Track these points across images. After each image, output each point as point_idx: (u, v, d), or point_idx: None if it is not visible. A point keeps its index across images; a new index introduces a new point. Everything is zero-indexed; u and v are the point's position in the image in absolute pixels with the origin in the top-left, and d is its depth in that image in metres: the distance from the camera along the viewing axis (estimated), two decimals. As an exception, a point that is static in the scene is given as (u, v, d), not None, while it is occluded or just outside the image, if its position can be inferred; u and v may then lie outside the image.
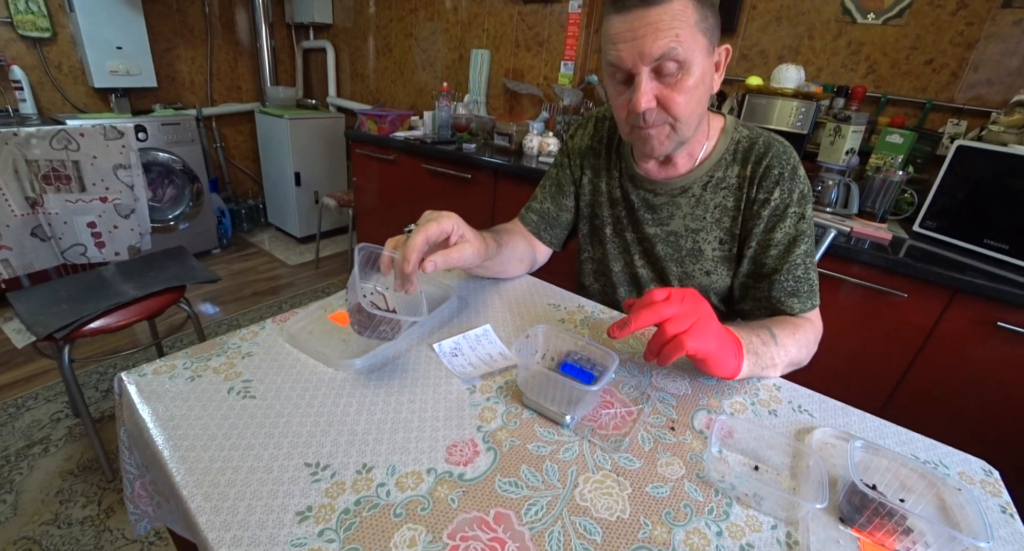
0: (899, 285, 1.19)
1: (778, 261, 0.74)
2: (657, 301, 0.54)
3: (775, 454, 0.53)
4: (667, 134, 0.68)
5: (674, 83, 0.63)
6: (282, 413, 0.53)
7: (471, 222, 0.69)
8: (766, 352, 0.64)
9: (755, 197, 0.74)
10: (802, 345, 0.70)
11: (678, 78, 0.63)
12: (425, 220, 0.63)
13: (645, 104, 0.63)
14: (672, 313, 0.53)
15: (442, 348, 0.66)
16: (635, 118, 0.66)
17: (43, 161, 1.41)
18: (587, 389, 0.50)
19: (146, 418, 0.52)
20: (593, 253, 0.93)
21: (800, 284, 0.74)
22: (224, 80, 3.14)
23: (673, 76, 0.63)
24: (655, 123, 0.66)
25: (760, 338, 0.64)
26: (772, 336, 0.66)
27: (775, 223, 0.74)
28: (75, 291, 1.44)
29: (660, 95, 0.64)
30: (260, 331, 0.68)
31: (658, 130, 0.68)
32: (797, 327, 0.71)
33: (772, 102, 1.47)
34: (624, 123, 0.70)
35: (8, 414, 1.67)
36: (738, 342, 0.60)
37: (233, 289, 2.61)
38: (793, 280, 0.74)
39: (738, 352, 0.60)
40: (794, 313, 0.74)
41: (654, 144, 0.69)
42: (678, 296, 0.54)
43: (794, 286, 0.74)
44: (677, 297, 0.54)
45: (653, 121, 0.66)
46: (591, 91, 2.15)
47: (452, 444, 0.51)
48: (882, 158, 1.42)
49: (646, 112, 0.65)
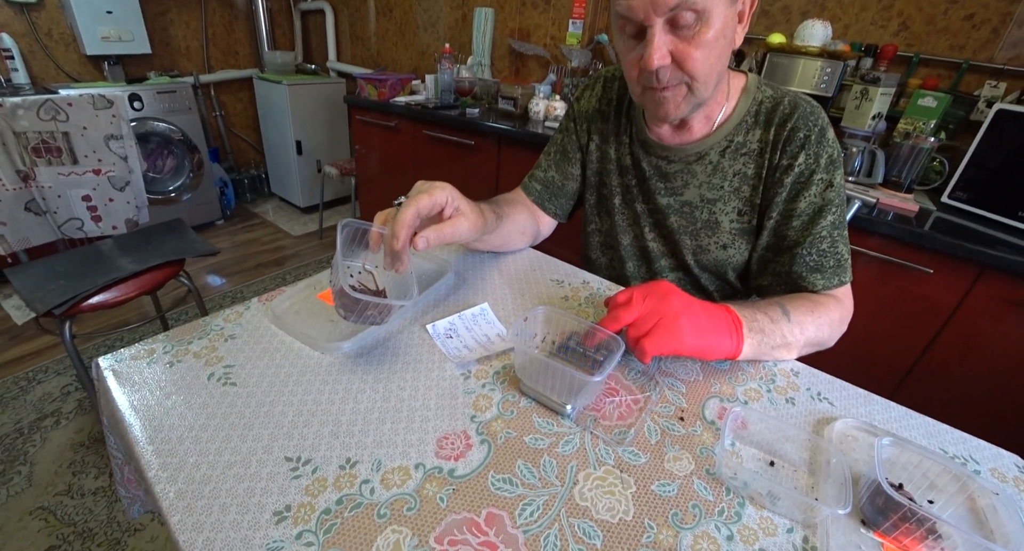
0: (924, 260, 1.13)
1: (800, 233, 0.67)
2: (618, 304, 0.53)
3: (792, 448, 0.49)
4: (683, 95, 0.61)
5: (691, 36, 0.56)
6: (263, 402, 0.50)
7: (475, 191, 0.64)
8: (775, 330, 0.59)
9: (778, 163, 0.67)
10: (823, 324, 0.63)
11: (696, 30, 0.56)
12: (416, 191, 0.58)
13: (658, 61, 0.56)
14: (631, 318, 0.52)
15: (436, 329, 0.62)
16: (647, 77, 0.60)
17: (32, 133, 1.37)
18: (589, 379, 0.46)
19: (122, 407, 0.49)
20: (600, 225, 0.87)
21: (824, 259, 0.67)
22: (220, 45, 3.03)
23: (690, 28, 0.55)
24: (670, 83, 0.59)
25: (768, 316, 0.59)
26: (784, 313, 0.61)
27: (799, 191, 0.67)
28: (73, 266, 1.42)
29: (675, 50, 0.57)
30: (245, 311, 0.64)
31: (673, 91, 0.61)
32: (816, 304, 0.65)
33: (795, 62, 1.37)
34: (635, 83, 0.63)
35: (20, 388, 1.69)
36: (736, 321, 0.56)
37: (237, 260, 2.59)
38: (817, 254, 0.67)
39: (735, 331, 0.55)
40: (816, 290, 0.68)
41: (668, 107, 0.63)
42: (639, 297, 0.53)
43: (817, 260, 0.67)
44: (638, 299, 0.53)
45: (667, 80, 0.59)
46: (601, 51, 2.04)
47: (443, 436, 0.47)
48: (912, 123, 1.32)
49: (659, 70, 0.58)
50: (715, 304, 0.57)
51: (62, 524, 1.26)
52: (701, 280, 0.80)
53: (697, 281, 0.81)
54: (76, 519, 1.28)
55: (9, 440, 1.49)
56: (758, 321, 0.58)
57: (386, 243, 0.55)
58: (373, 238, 0.58)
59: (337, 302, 0.54)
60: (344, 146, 3.21)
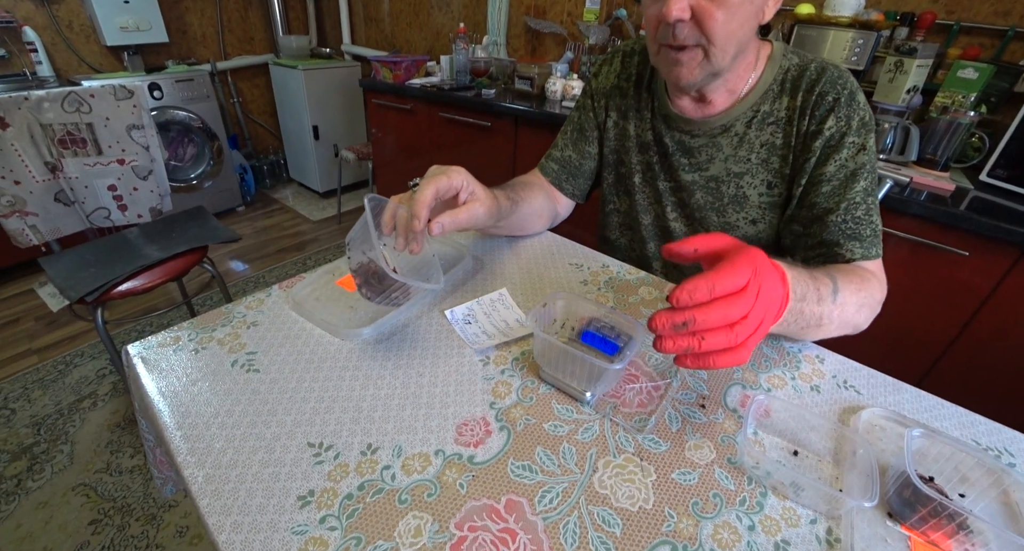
0: (959, 242, 1.08)
1: (832, 199, 0.63)
2: (720, 275, 0.37)
3: (817, 437, 0.48)
4: (698, 61, 0.59)
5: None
6: (285, 388, 0.51)
7: (492, 173, 0.63)
8: (816, 311, 0.49)
9: (807, 129, 0.64)
10: (864, 305, 0.57)
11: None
12: (432, 174, 0.57)
13: (677, 13, 0.53)
14: (739, 312, 0.37)
15: (454, 315, 0.63)
16: (664, 33, 0.57)
17: (57, 125, 1.39)
18: (608, 366, 0.46)
19: (151, 393, 0.51)
20: (619, 204, 0.85)
21: (861, 227, 0.62)
22: (236, 31, 3.03)
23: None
24: (686, 41, 0.57)
25: (819, 291, 0.49)
26: (833, 291, 0.51)
27: (829, 155, 0.63)
28: (102, 254, 1.46)
29: (697, 6, 0.54)
30: (266, 298, 0.65)
31: (689, 54, 0.59)
32: (864, 281, 0.58)
33: (824, 33, 1.31)
34: (652, 40, 0.61)
35: (58, 371, 1.76)
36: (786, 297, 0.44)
37: (258, 246, 2.64)
38: (853, 221, 0.62)
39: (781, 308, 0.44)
40: (853, 258, 0.62)
41: (681, 70, 0.60)
42: (754, 281, 0.38)
43: (854, 228, 0.62)
44: (754, 285, 0.38)
45: (684, 38, 0.57)
46: (620, 27, 1.98)
47: (462, 423, 0.48)
48: (950, 97, 1.25)
49: (676, 25, 0.55)
50: (777, 270, 0.43)
51: (102, 500, 1.33)
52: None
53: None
54: (115, 495, 1.34)
55: (51, 420, 1.56)
56: (806, 299, 0.48)
57: (401, 223, 0.54)
58: (386, 219, 0.57)
59: (360, 281, 0.53)
60: (360, 130, 3.21)
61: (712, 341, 0.37)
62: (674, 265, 0.82)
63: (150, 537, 1.24)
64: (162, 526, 1.27)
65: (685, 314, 0.36)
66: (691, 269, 0.81)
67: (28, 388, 1.68)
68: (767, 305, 0.39)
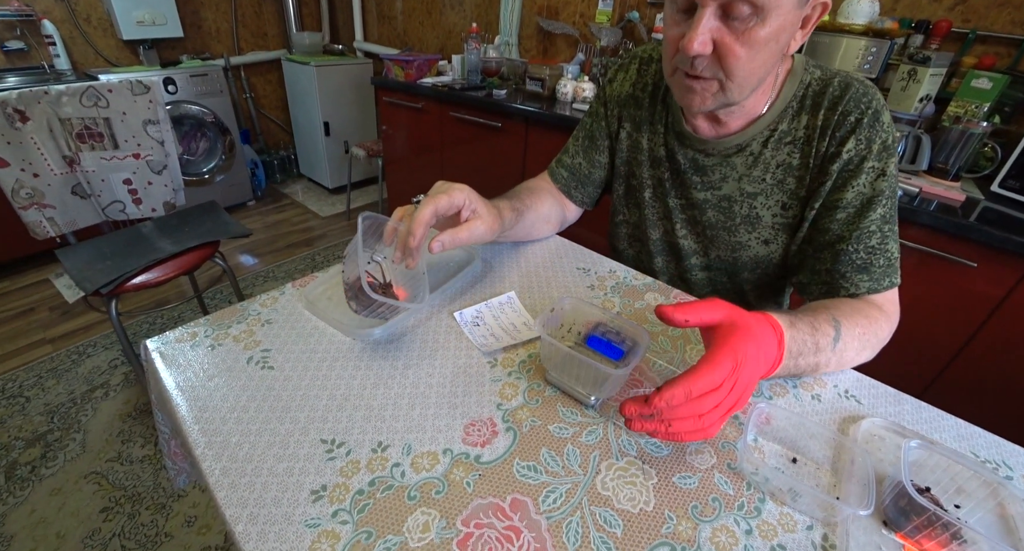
0: (967, 252, 1.08)
1: (845, 227, 0.61)
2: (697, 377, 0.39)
3: (816, 445, 0.49)
4: (712, 92, 0.57)
5: (742, 31, 0.51)
6: (299, 386, 0.53)
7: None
8: (809, 362, 0.52)
9: (826, 150, 0.62)
10: (865, 346, 0.57)
11: (749, 26, 0.51)
12: (435, 192, 0.59)
13: (698, 47, 0.51)
14: (710, 406, 0.40)
15: (463, 317, 0.64)
16: (682, 59, 0.56)
17: (75, 119, 1.42)
18: (613, 372, 0.47)
19: (169, 387, 0.52)
20: (628, 216, 0.85)
21: (873, 256, 0.61)
22: (250, 27, 3.06)
23: (743, 22, 0.51)
24: (702, 73, 0.56)
25: (817, 341, 0.51)
26: (835, 338, 0.53)
27: (846, 180, 0.61)
28: (117, 247, 1.49)
29: (720, 41, 0.52)
30: (280, 297, 0.67)
31: (703, 84, 0.57)
32: (871, 321, 0.58)
33: (836, 41, 1.31)
34: (669, 60, 0.59)
35: (72, 361, 1.80)
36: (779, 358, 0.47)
37: (268, 241, 2.67)
38: (864, 251, 0.61)
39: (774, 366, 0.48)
40: (859, 293, 0.61)
41: (693, 98, 0.59)
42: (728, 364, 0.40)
43: (865, 259, 0.61)
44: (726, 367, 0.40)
45: (701, 70, 0.55)
46: (632, 30, 1.98)
47: (470, 423, 0.49)
48: (963, 106, 1.25)
49: (696, 58, 0.54)
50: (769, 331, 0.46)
51: (114, 488, 1.36)
52: (738, 279, 0.77)
53: (733, 279, 0.78)
54: (126, 484, 1.37)
55: (64, 409, 1.60)
56: (802, 354, 0.51)
57: (400, 239, 0.56)
58: (387, 232, 0.59)
59: (349, 295, 0.56)
60: (371, 127, 3.23)
61: (679, 426, 0.41)
62: (682, 280, 0.83)
63: (159, 526, 1.27)
64: (171, 515, 1.30)
65: (653, 408, 0.40)
66: (702, 287, 0.82)
67: (43, 377, 1.72)
68: (743, 389, 0.42)
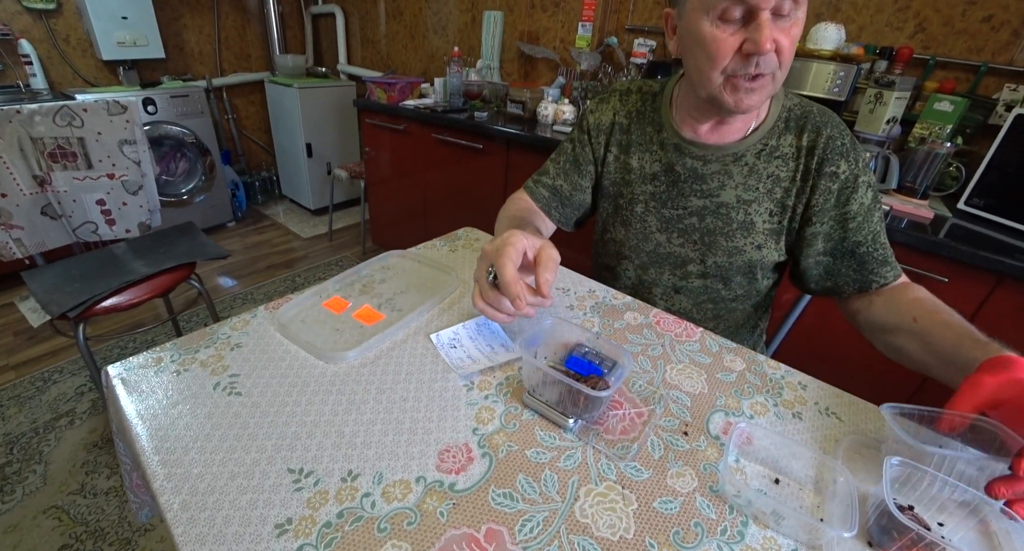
0: (938, 268, 1.10)
1: (860, 233, 0.70)
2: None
3: (798, 465, 0.48)
4: (767, 86, 0.62)
5: (786, 26, 0.58)
6: (267, 412, 0.51)
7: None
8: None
9: (815, 168, 0.69)
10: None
11: (791, 20, 0.58)
12: (498, 250, 0.56)
13: (769, 47, 0.57)
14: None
15: (440, 339, 0.63)
16: (743, 65, 0.60)
17: (48, 138, 1.39)
18: (595, 394, 0.46)
19: (130, 416, 0.50)
20: (615, 234, 0.87)
21: (886, 250, 0.71)
22: (233, 49, 3.07)
23: (787, 18, 0.58)
24: (765, 70, 0.60)
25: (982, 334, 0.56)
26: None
27: (848, 196, 0.69)
28: (87, 269, 1.44)
29: (775, 38, 0.58)
30: (251, 319, 0.65)
31: (763, 82, 0.62)
32: (933, 298, 0.65)
33: (807, 65, 1.35)
34: (717, 72, 0.62)
35: (36, 387, 1.72)
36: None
37: (247, 263, 2.62)
38: (880, 248, 0.70)
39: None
40: (888, 282, 0.70)
41: (752, 97, 0.63)
42: None
43: (883, 254, 0.70)
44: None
45: (764, 67, 0.60)
46: (610, 54, 2.03)
47: (444, 449, 0.47)
48: (927, 128, 1.30)
49: (763, 58, 0.59)
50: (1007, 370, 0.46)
51: (75, 523, 1.28)
52: (732, 283, 0.80)
53: (728, 284, 0.81)
54: (88, 518, 1.30)
55: (25, 439, 1.52)
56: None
57: (517, 307, 0.54)
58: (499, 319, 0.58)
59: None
60: (354, 149, 3.24)
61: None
62: (676, 290, 0.84)
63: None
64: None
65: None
66: (697, 295, 0.83)
67: (3, 405, 1.64)
68: None
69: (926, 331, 0.61)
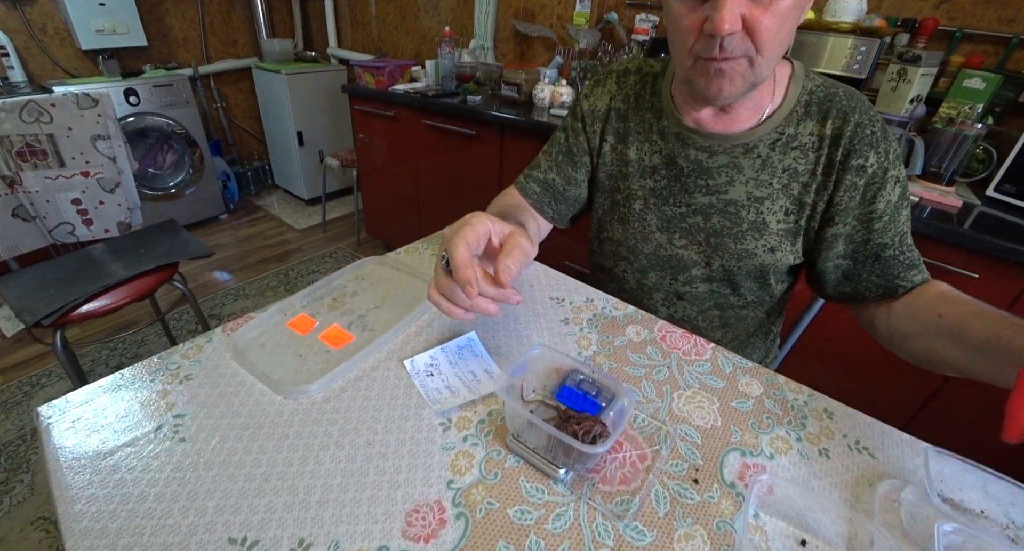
0: (967, 263, 1.02)
1: (886, 234, 0.62)
2: None
3: (828, 520, 0.41)
4: (742, 72, 0.54)
5: (767, 2, 0.49)
6: (212, 463, 0.44)
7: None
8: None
9: (838, 161, 0.60)
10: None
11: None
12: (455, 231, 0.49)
13: (730, 26, 0.48)
14: None
15: (415, 365, 0.55)
16: (706, 46, 0.52)
17: (15, 137, 1.32)
18: (589, 450, 0.39)
19: (52, 472, 0.43)
20: (612, 233, 0.78)
21: (912, 253, 0.63)
22: (219, 34, 2.95)
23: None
24: (733, 53, 0.52)
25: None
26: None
27: (875, 192, 0.60)
28: (64, 273, 1.38)
29: (747, 16, 0.49)
30: (206, 344, 0.58)
31: (732, 65, 0.53)
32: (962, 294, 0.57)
33: (823, 40, 1.24)
34: (686, 54, 0.55)
35: (23, 393, 1.68)
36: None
37: (239, 257, 2.56)
38: (908, 250, 0.62)
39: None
40: (915, 286, 0.62)
41: (723, 84, 0.55)
42: None
43: (910, 257, 0.62)
44: None
45: (731, 50, 0.51)
46: (610, 32, 1.91)
47: (413, 509, 0.41)
48: (956, 107, 1.19)
49: (726, 38, 0.50)
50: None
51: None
52: (741, 289, 0.72)
53: (736, 290, 0.73)
54: (76, 530, 1.26)
55: (13, 447, 1.48)
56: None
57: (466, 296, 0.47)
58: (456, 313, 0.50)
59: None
60: (346, 136, 3.14)
61: None
62: (678, 296, 0.76)
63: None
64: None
65: None
66: (702, 301, 0.75)
67: (-10, 412, 1.60)
68: None
69: (956, 326, 0.52)
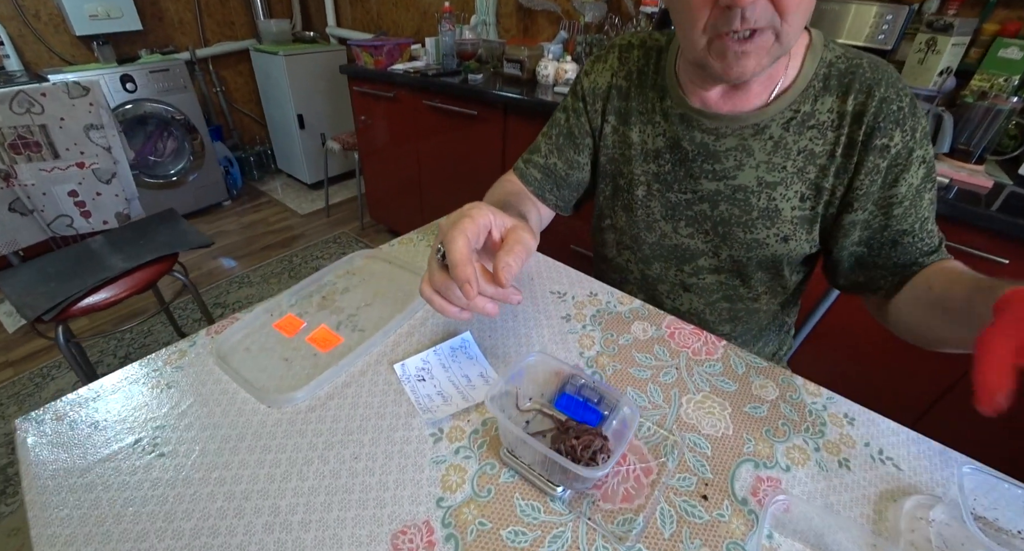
0: (996, 247, 0.95)
1: (906, 221, 0.56)
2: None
3: (849, 541, 0.38)
4: (768, 46, 0.48)
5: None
6: (191, 480, 0.42)
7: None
8: None
9: (860, 141, 0.55)
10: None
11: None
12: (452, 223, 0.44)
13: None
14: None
15: (406, 369, 0.53)
16: (724, 18, 0.46)
17: (7, 129, 1.29)
18: (587, 474, 0.36)
19: (27, 490, 0.41)
20: (615, 221, 0.74)
21: (933, 238, 0.57)
22: (215, 16, 2.88)
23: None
24: (756, 23, 0.46)
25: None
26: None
27: (898, 175, 0.55)
28: (64, 266, 1.37)
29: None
30: (189, 349, 0.56)
31: (759, 41, 0.48)
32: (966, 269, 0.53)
33: (846, 8, 1.16)
34: (700, 32, 0.49)
35: (35, 384, 1.69)
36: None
37: (243, 244, 2.54)
38: (928, 236, 0.57)
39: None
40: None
41: (748, 62, 0.49)
42: None
43: (929, 243, 0.57)
44: None
45: (756, 20, 0.46)
46: (618, 4, 1.82)
47: (400, 530, 0.38)
48: (989, 80, 1.11)
49: (748, 7, 0.44)
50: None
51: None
52: (752, 281, 0.68)
53: (746, 281, 0.68)
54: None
55: (25, 438, 1.50)
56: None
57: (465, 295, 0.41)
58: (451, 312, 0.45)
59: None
60: (348, 118, 3.06)
61: None
62: (684, 288, 0.72)
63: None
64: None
65: None
66: (710, 293, 0.71)
67: (3, 404, 1.61)
68: None
69: (940, 296, 0.49)
